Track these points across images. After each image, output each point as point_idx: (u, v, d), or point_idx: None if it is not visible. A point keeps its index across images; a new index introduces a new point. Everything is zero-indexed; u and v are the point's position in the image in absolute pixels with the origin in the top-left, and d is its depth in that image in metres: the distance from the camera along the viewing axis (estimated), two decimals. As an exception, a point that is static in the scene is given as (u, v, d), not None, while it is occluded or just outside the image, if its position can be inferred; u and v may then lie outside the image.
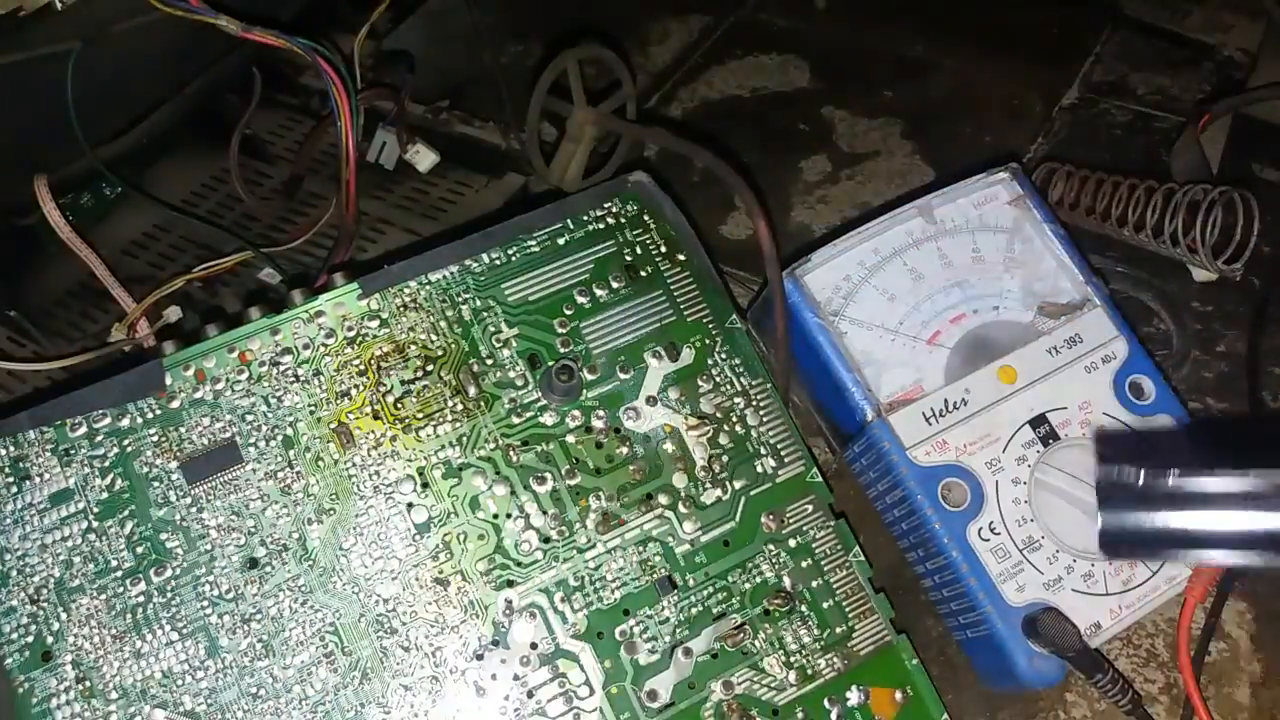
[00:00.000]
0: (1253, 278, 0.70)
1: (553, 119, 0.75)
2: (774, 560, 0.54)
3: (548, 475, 0.53)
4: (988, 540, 0.55)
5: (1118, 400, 0.59)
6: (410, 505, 0.52)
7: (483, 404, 0.54)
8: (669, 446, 0.55)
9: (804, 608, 0.53)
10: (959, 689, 0.58)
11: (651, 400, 0.56)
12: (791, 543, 0.55)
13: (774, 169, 0.81)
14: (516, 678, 0.50)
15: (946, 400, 0.58)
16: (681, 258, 0.59)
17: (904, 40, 0.61)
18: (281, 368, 0.53)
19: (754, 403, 0.57)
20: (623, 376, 0.56)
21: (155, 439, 0.51)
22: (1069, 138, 0.81)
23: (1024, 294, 0.61)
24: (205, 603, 0.49)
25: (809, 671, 0.52)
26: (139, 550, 0.49)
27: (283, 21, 0.72)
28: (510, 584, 0.51)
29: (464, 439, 0.53)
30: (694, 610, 0.52)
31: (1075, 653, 0.53)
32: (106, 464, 0.50)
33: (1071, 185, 0.72)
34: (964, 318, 0.60)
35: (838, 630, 0.54)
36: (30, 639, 0.47)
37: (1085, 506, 0.57)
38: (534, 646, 0.50)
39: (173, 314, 0.69)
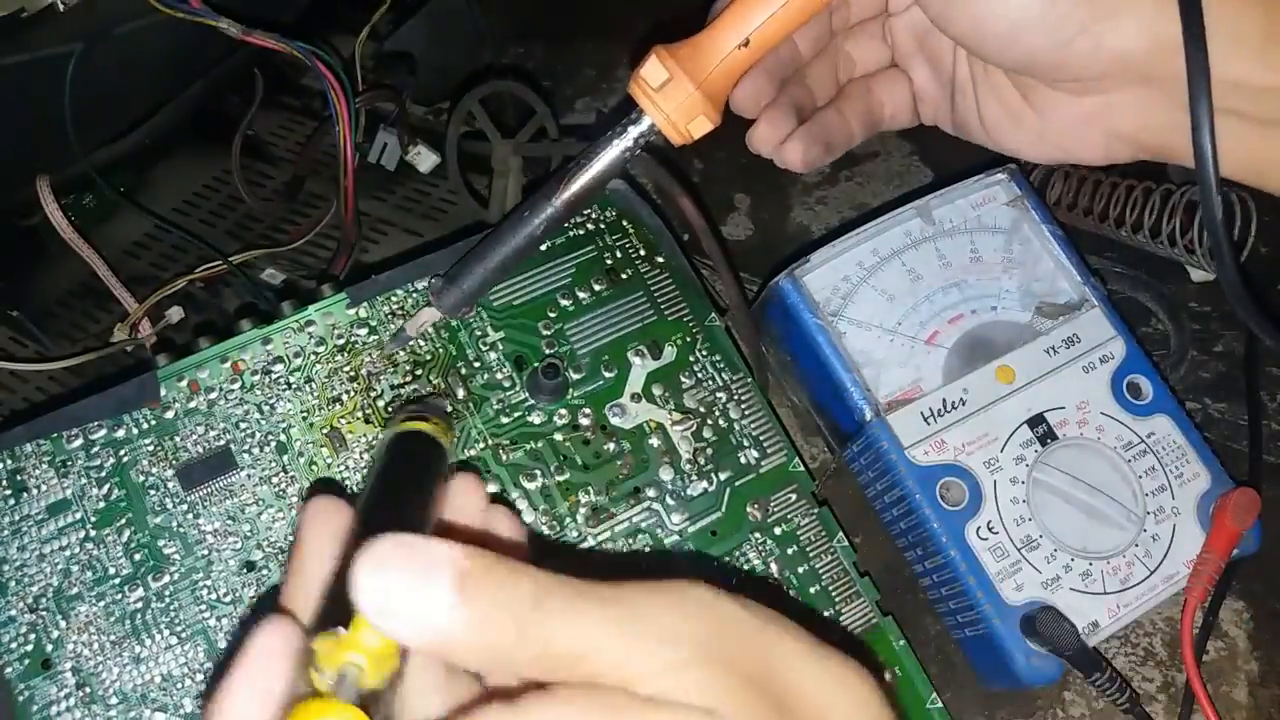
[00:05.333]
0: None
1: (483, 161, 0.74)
2: (760, 548, 0.55)
3: (537, 472, 0.54)
4: (986, 539, 0.56)
5: (1115, 400, 0.59)
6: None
7: (471, 405, 0.55)
8: (655, 441, 0.56)
9: (791, 593, 0.54)
10: (957, 688, 0.59)
11: (636, 397, 0.56)
12: (777, 530, 0.55)
13: (773, 170, 0.80)
14: (513, 671, 0.50)
15: (945, 400, 0.58)
16: (660, 260, 0.60)
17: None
18: (274, 376, 0.53)
19: (735, 396, 0.58)
20: (607, 375, 0.57)
21: (151, 448, 0.51)
22: (1068, 138, 0.81)
23: (1022, 294, 0.61)
24: (204, 606, 0.49)
25: (799, 655, 0.53)
26: (137, 557, 0.49)
27: (284, 23, 0.72)
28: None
29: (454, 440, 0.54)
30: (685, 598, 0.53)
31: (1073, 651, 0.53)
32: (103, 474, 0.51)
33: (1069, 186, 0.72)
34: (962, 318, 0.61)
35: (825, 614, 0.54)
36: (30, 647, 0.47)
37: (1084, 506, 0.57)
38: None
39: (174, 314, 0.69)
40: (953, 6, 0.45)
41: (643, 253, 0.60)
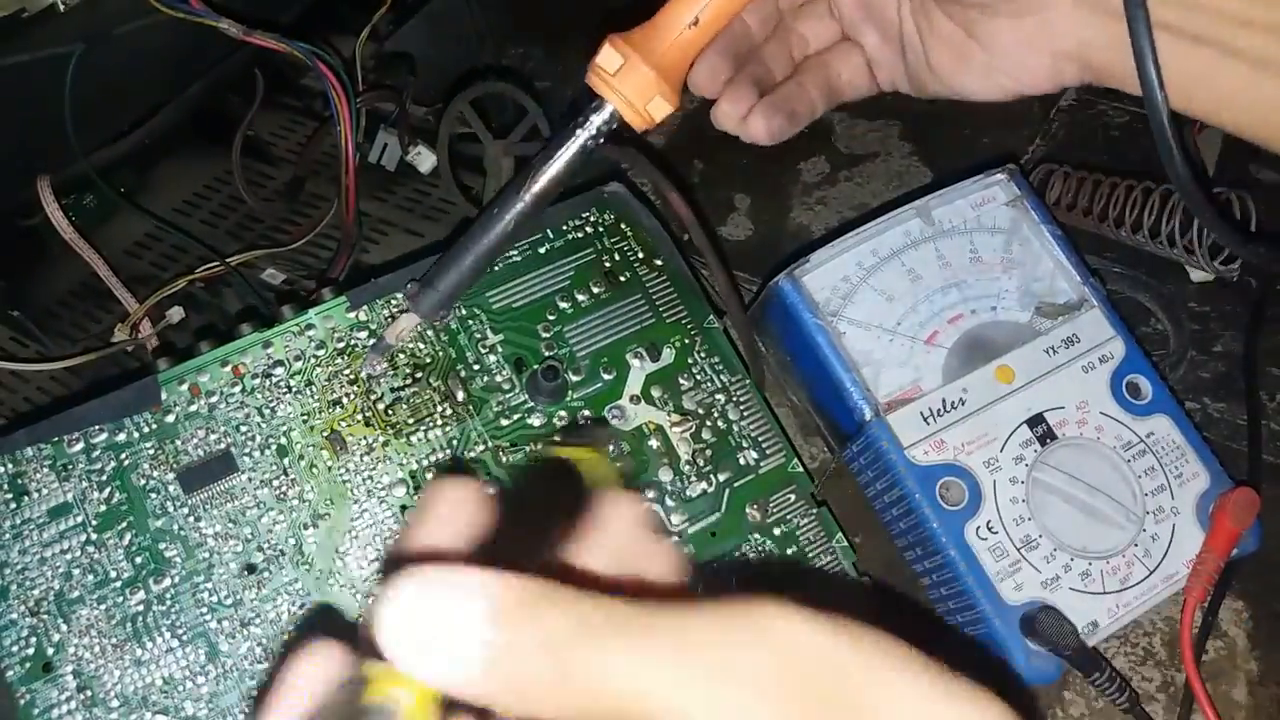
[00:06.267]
0: (1249, 278, 0.70)
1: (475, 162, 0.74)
2: (760, 549, 0.55)
3: (537, 473, 0.54)
4: (985, 539, 0.55)
5: (1115, 400, 0.59)
6: (404, 507, 0.52)
7: (471, 408, 0.55)
8: (654, 443, 0.56)
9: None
10: (957, 688, 0.58)
11: (635, 399, 0.57)
12: (776, 531, 0.56)
13: (773, 170, 0.81)
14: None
15: (944, 400, 0.58)
16: (659, 262, 0.60)
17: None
18: (274, 379, 0.54)
19: (734, 398, 0.58)
20: (606, 377, 0.57)
21: (152, 452, 0.52)
22: (1066, 139, 0.81)
23: (1021, 294, 0.61)
24: (204, 609, 0.49)
25: (798, 654, 0.53)
26: (138, 560, 0.50)
27: (284, 24, 0.72)
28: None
29: (454, 442, 0.54)
30: (683, 598, 0.53)
31: (1072, 651, 0.53)
32: (104, 478, 0.51)
33: (1069, 186, 0.72)
34: (962, 318, 0.61)
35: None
36: (31, 651, 0.48)
37: (1083, 506, 0.57)
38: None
39: (175, 314, 0.69)
40: None
41: (641, 255, 0.60)
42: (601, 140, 0.48)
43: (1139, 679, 0.59)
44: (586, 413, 0.56)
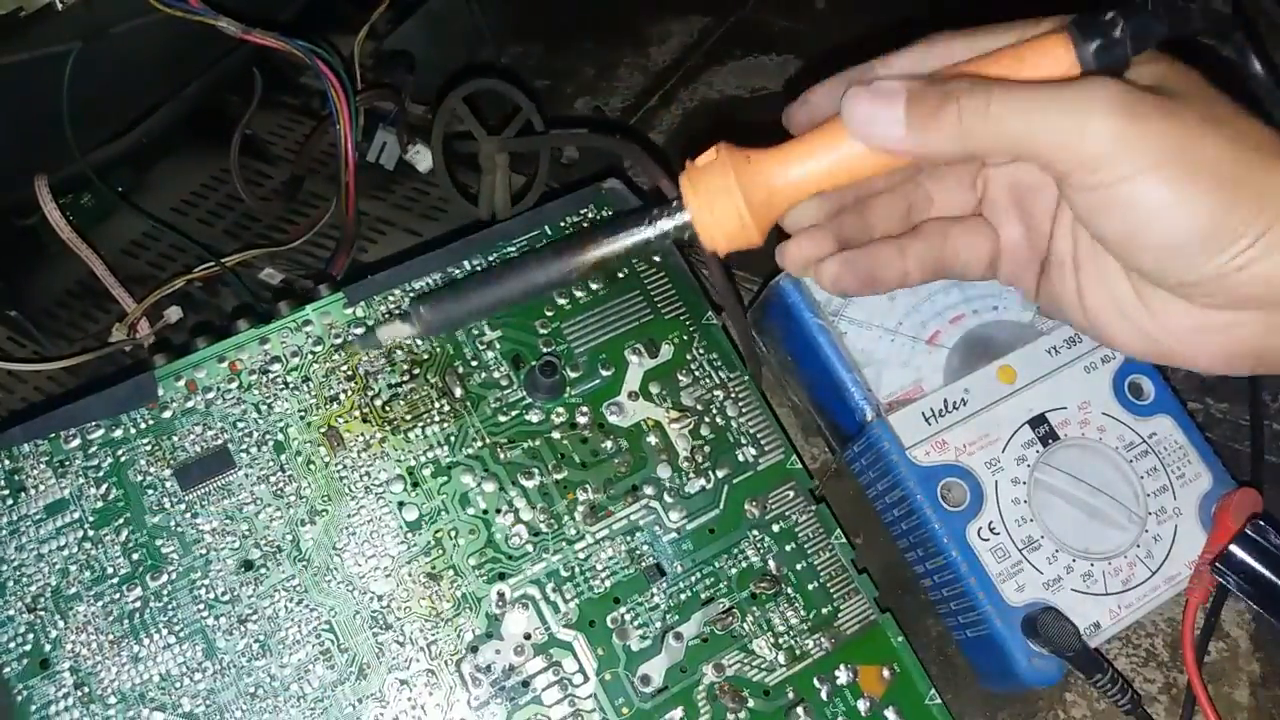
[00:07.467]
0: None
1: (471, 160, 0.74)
2: (758, 545, 0.55)
3: (535, 470, 0.54)
4: (987, 540, 0.55)
5: (1117, 400, 0.59)
6: (401, 504, 0.52)
7: (469, 404, 0.55)
8: (652, 439, 0.56)
9: (790, 590, 0.54)
10: (958, 689, 0.58)
11: (633, 395, 0.57)
12: (775, 528, 0.55)
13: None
14: (511, 668, 0.50)
15: (946, 400, 0.58)
16: (657, 259, 0.60)
17: (904, 40, 0.61)
18: (271, 375, 0.54)
19: (733, 395, 0.58)
20: (604, 373, 0.57)
21: (148, 448, 0.51)
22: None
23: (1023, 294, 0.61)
24: (202, 605, 0.49)
25: (797, 652, 0.53)
26: (135, 557, 0.49)
27: (282, 22, 0.72)
28: (502, 576, 0.52)
29: (452, 438, 0.54)
30: (683, 596, 0.53)
31: (1074, 652, 0.53)
32: (101, 474, 0.51)
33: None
34: (963, 318, 0.60)
35: (823, 611, 0.54)
36: (28, 647, 0.47)
37: (1085, 506, 0.57)
38: (527, 637, 0.51)
39: (173, 314, 0.69)
40: (1108, 208, 0.39)
41: (639, 252, 0.60)
42: (666, 240, 0.45)
43: (1141, 680, 0.59)
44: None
